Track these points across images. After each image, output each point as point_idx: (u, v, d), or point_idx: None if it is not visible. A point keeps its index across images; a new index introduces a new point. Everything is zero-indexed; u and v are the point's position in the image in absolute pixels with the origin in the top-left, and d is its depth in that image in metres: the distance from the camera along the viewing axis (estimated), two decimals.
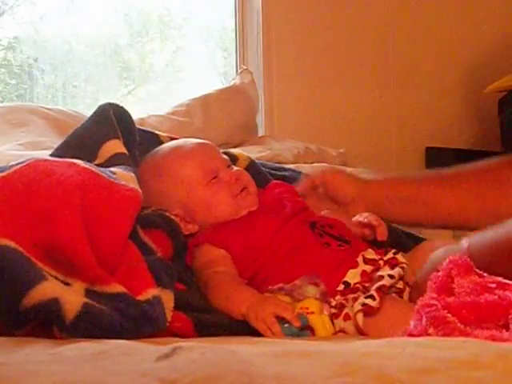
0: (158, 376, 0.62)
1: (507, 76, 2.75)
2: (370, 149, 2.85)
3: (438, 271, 1.05)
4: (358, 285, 1.21)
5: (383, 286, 1.19)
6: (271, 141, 2.46)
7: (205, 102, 2.46)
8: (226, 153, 1.50)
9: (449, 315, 0.95)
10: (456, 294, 1.02)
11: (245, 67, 2.69)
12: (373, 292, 1.17)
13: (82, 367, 0.73)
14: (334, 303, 1.19)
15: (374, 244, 1.32)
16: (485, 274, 1.04)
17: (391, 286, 1.21)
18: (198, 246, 1.32)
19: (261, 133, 2.73)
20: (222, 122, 2.42)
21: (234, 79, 2.62)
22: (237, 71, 2.78)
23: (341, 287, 1.22)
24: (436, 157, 2.94)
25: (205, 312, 1.17)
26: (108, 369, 0.71)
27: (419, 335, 0.96)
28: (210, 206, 1.33)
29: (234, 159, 1.50)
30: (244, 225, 1.32)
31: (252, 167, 1.52)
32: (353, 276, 1.23)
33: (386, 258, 1.26)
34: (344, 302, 1.19)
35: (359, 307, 1.16)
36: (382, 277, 1.21)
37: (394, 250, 1.28)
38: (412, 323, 0.99)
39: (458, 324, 0.94)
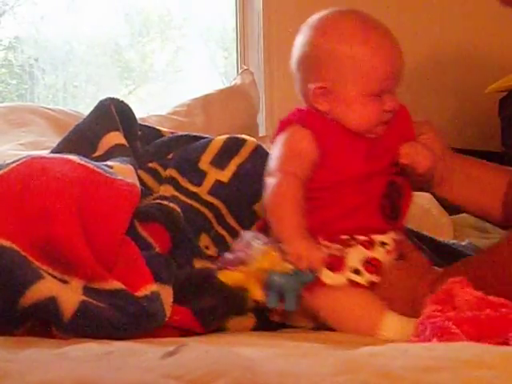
0: (163, 372, 0.62)
1: (507, 76, 2.75)
2: None
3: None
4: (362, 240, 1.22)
5: (373, 258, 1.20)
6: None
7: (205, 102, 2.46)
8: (232, 137, 1.51)
9: (453, 326, 0.96)
10: (457, 307, 1.03)
11: (246, 67, 2.69)
12: (360, 267, 1.18)
13: (88, 365, 0.73)
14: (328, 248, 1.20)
15: None
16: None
17: (388, 254, 1.23)
18: (298, 127, 1.27)
19: (261, 133, 2.73)
20: (223, 122, 2.42)
21: (234, 79, 2.62)
22: (237, 71, 2.78)
23: (345, 237, 1.22)
24: None
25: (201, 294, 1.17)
26: (113, 366, 0.71)
27: None
28: (353, 109, 1.27)
29: (241, 143, 1.51)
30: (349, 148, 1.27)
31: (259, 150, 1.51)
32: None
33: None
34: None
35: (344, 281, 1.18)
36: (372, 244, 1.22)
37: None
38: (416, 333, 1.00)
39: (462, 336, 0.94)
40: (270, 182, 1.23)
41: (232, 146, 1.51)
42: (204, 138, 1.60)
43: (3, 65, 2.76)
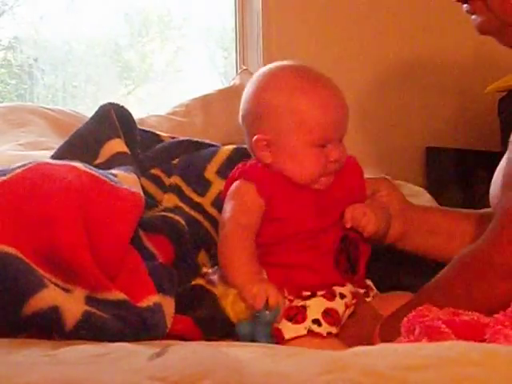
0: (149, 374, 0.62)
1: (507, 76, 2.75)
2: (369, 149, 2.85)
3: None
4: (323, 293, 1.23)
5: (332, 310, 1.21)
6: None
7: (205, 102, 2.46)
8: (238, 148, 1.51)
9: (443, 326, 0.95)
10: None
11: (245, 67, 2.69)
12: (320, 318, 1.19)
13: (79, 367, 0.73)
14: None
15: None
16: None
17: (347, 308, 1.23)
18: (242, 181, 1.29)
19: None
20: (222, 122, 2.42)
21: (234, 79, 2.62)
22: (237, 71, 2.78)
23: (306, 293, 1.23)
24: (436, 157, 2.93)
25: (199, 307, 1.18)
26: (102, 368, 0.71)
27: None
28: (296, 161, 1.28)
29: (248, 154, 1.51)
30: (296, 200, 1.28)
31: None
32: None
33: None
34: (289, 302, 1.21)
35: (304, 332, 1.19)
36: (333, 296, 1.23)
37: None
38: (403, 333, 1.00)
39: (453, 336, 0.94)
40: (220, 236, 1.26)
41: (238, 157, 1.51)
42: (205, 144, 1.60)
43: (2, 65, 2.77)
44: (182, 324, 1.10)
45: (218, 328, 1.14)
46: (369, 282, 1.34)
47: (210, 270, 1.27)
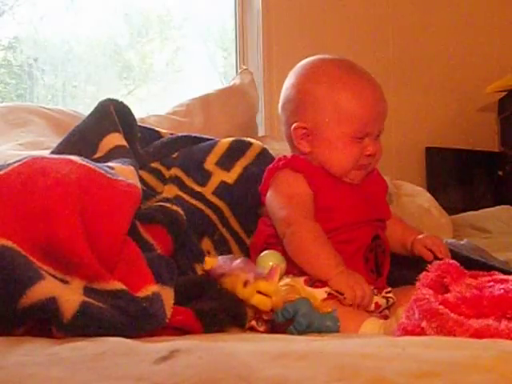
0: (155, 380, 0.61)
1: (507, 76, 2.76)
2: None
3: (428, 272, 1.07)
4: None
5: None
6: (271, 141, 2.45)
7: (205, 102, 2.46)
8: (238, 140, 1.51)
9: (441, 307, 0.95)
10: (453, 290, 1.02)
11: (245, 67, 2.68)
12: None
13: (78, 370, 0.72)
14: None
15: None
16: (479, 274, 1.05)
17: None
18: (289, 171, 1.31)
19: (261, 133, 2.73)
20: (222, 122, 2.42)
21: (234, 79, 2.61)
22: (237, 71, 2.78)
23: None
24: (436, 157, 2.94)
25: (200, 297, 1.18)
26: (105, 372, 0.70)
27: (413, 329, 0.95)
28: (332, 151, 1.30)
29: (247, 146, 1.51)
30: (339, 191, 1.30)
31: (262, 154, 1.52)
32: None
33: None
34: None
35: (324, 295, 1.19)
36: None
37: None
38: (405, 317, 1.00)
39: (452, 314, 0.93)
40: (288, 235, 1.25)
41: (238, 148, 1.52)
42: (204, 138, 1.60)
43: (2, 65, 2.76)
44: (183, 316, 1.10)
45: (219, 321, 1.14)
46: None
47: (219, 257, 1.26)
